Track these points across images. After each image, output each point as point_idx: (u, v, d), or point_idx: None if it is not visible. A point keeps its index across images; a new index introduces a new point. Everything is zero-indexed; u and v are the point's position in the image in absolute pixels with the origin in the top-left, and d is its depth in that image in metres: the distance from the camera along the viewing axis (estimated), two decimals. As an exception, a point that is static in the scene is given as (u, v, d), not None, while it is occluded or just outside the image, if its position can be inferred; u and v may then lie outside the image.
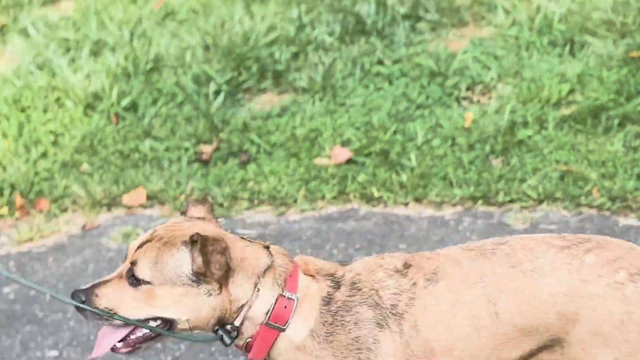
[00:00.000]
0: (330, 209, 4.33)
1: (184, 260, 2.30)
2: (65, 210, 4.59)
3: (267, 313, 2.35)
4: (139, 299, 2.32)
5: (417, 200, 4.27)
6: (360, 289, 2.38)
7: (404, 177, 4.33)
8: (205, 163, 4.73)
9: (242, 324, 2.36)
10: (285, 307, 2.34)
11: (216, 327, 2.36)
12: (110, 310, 2.33)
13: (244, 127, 4.89)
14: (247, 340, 2.39)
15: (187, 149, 4.83)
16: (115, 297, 2.34)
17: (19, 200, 4.59)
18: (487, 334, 2.33)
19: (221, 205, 4.44)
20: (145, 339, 2.38)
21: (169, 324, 2.35)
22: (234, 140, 4.80)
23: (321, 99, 5.02)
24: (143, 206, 4.54)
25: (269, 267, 2.37)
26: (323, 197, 4.38)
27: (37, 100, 5.31)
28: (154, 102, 5.20)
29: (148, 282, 2.32)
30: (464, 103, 4.81)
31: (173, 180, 4.62)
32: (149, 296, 2.32)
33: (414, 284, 2.37)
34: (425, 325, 2.34)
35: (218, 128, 4.91)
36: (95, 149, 4.93)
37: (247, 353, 2.39)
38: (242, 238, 2.43)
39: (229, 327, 2.36)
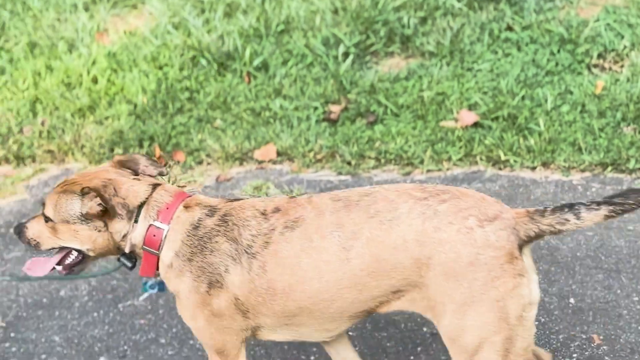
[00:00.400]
0: (456, 170, 4.39)
1: (75, 205, 2.75)
2: (200, 162, 4.82)
3: (142, 240, 2.75)
4: (49, 233, 2.83)
5: (545, 164, 4.28)
6: (226, 222, 2.69)
7: (531, 142, 4.34)
8: (333, 122, 4.86)
9: (132, 250, 2.79)
10: (154, 235, 2.73)
11: (118, 256, 2.84)
12: (35, 239, 2.87)
13: (372, 89, 4.99)
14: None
15: (315, 108, 4.97)
16: (37, 230, 2.87)
17: (157, 151, 4.84)
18: (332, 278, 2.55)
19: (349, 163, 4.57)
20: (76, 263, 2.88)
21: (81, 253, 2.84)
22: (362, 101, 4.91)
23: (448, 64, 5.06)
24: (273, 161, 4.72)
25: (142, 203, 2.74)
26: (449, 159, 4.45)
27: (174, 59, 5.56)
28: (284, 62, 5.36)
29: (52, 220, 2.81)
30: (595, 71, 4.76)
31: (302, 138, 4.77)
32: (54, 231, 2.82)
33: (273, 229, 2.63)
34: (272, 268, 2.60)
35: (346, 89, 5.03)
36: (229, 106, 5.13)
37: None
38: (137, 178, 2.81)
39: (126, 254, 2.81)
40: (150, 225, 2.74)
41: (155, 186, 2.80)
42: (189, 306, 2.73)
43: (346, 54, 5.29)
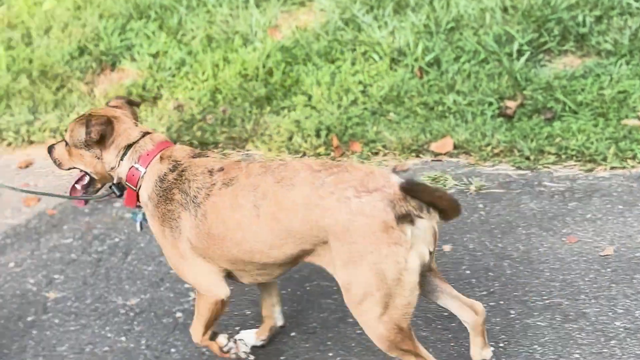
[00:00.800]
0: (642, 169, 4.35)
1: (81, 132, 3.26)
2: (376, 153, 4.94)
3: (125, 177, 3.26)
4: (67, 155, 3.37)
5: None
6: (182, 177, 3.15)
7: None
8: (509, 118, 4.89)
9: (119, 182, 3.32)
10: (134, 175, 3.23)
11: (110, 185, 3.38)
12: (58, 160, 3.43)
13: (548, 86, 4.99)
14: None
15: (490, 104, 5.01)
16: (59, 152, 3.42)
17: (335, 141, 4.99)
18: (249, 231, 2.98)
19: (527, 158, 4.59)
20: (88, 185, 3.43)
21: (89, 176, 3.40)
22: (538, 97, 4.92)
23: (628, 62, 5.00)
24: (450, 154, 4.79)
25: (130, 145, 3.25)
26: (634, 157, 4.40)
27: (346, 53, 5.71)
28: (456, 58, 5.42)
29: (68, 144, 3.35)
30: None
31: (478, 132, 4.82)
32: (70, 154, 3.36)
33: (214, 184, 3.07)
34: (210, 216, 3.05)
35: (521, 85, 5.05)
36: (402, 100, 5.24)
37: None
38: (135, 124, 3.33)
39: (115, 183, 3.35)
40: (132, 166, 3.25)
41: (145, 134, 3.30)
42: (162, 246, 3.27)
43: (519, 51, 5.30)
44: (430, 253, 2.92)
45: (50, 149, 3.46)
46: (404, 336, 2.95)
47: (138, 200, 3.30)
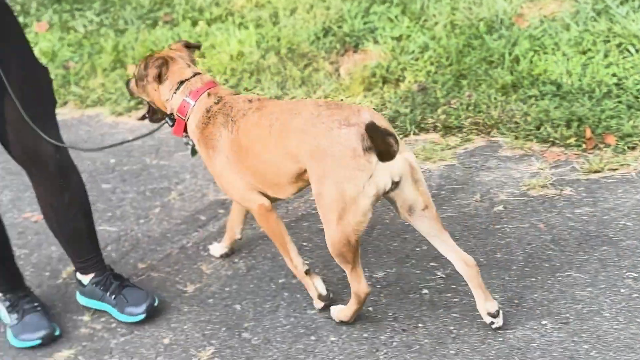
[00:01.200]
0: None
1: (144, 67, 3.93)
2: (633, 147, 4.73)
3: (177, 108, 3.89)
4: (136, 87, 4.05)
5: None
6: (225, 106, 3.77)
7: None
8: None
9: (171, 113, 3.94)
10: (184, 107, 3.86)
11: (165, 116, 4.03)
12: (131, 90, 4.12)
13: None
14: None
15: None
16: (132, 84, 4.09)
17: (588, 132, 4.82)
18: (264, 144, 3.61)
19: None
20: (152, 112, 4.16)
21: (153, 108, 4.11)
22: None
23: None
24: None
25: (183, 82, 3.88)
26: None
27: (598, 44, 5.51)
28: None
29: (136, 78, 4.01)
30: None
31: None
32: (137, 86, 4.03)
33: (250, 108, 3.71)
34: (242, 130, 3.69)
35: None
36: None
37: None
38: (189, 65, 3.95)
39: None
40: (183, 99, 3.85)
41: (196, 74, 3.91)
42: (209, 167, 3.85)
43: None
44: (396, 183, 3.45)
45: (127, 82, 4.14)
46: (350, 249, 3.53)
47: (185, 130, 3.90)
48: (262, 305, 4.14)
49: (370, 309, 3.97)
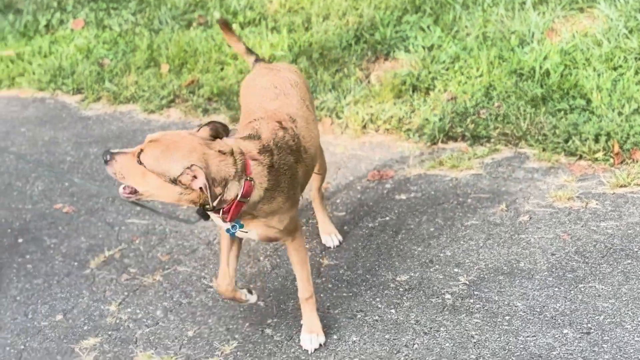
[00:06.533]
0: None
1: (174, 169, 3.16)
2: (660, 164, 4.75)
3: (237, 194, 3.29)
4: (136, 174, 3.19)
5: None
6: (281, 147, 3.47)
7: None
8: None
9: (218, 204, 3.27)
10: (249, 187, 3.30)
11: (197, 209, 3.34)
12: (122, 175, 3.23)
13: None
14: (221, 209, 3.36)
15: None
16: (124, 165, 3.22)
17: (616, 148, 4.84)
18: (303, 122, 3.73)
19: None
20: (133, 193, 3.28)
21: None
22: None
23: None
24: None
25: (233, 175, 3.26)
26: None
27: (629, 61, 5.52)
28: None
29: (141, 162, 3.18)
30: None
31: None
32: (142, 174, 3.19)
33: (293, 127, 3.62)
34: (306, 142, 3.67)
35: None
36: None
37: (225, 216, 3.36)
38: (220, 151, 3.23)
39: (207, 206, 3.30)
40: (245, 180, 3.29)
41: (231, 152, 3.28)
42: (285, 211, 3.50)
43: None
44: None
45: (111, 155, 3.25)
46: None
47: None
48: (286, 303, 4.20)
49: (392, 311, 4.01)
